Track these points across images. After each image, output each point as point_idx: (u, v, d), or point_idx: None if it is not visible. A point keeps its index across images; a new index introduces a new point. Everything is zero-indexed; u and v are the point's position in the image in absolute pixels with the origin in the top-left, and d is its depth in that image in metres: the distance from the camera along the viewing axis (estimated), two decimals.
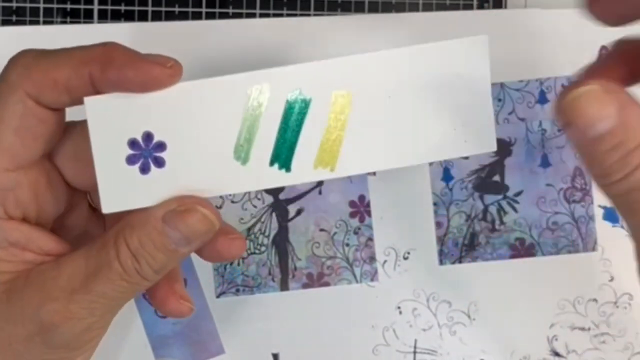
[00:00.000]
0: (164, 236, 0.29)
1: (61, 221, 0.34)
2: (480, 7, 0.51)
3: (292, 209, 0.49)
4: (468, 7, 0.51)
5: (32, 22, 0.51)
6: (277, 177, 0.29)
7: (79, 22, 0.51)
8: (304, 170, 0.29)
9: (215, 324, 0.48)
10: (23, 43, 0.31)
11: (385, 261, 0.49)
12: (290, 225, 0.49)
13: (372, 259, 0.49)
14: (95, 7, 0.51)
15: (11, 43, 0.47)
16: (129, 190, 0.29)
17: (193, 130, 0.29)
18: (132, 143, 0.29)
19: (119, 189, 0.29)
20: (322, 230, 0.49)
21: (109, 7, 0.51)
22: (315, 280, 0.49)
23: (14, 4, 0.51)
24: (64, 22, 0.51)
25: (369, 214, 0.49)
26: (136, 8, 0.51)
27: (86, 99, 0.29)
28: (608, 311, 0.49)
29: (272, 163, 0.29)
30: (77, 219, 0.35)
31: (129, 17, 0.51)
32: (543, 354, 0.49)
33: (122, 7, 0.51)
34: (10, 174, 0.30)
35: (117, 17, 0.51)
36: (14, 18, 0.51)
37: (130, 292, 0.31)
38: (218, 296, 0.48)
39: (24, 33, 0.48)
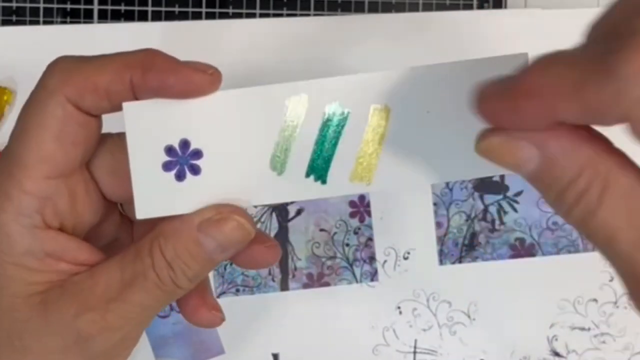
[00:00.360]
0: (200, 245, 0.29)
1: (93, 230, 0.34)
2: (480, 7, 0.51)
3: (292, 209, 0.49)
4: (468, 7, 0.51)
5: (32, 22, 0.51)
6: (313, 189, 0.29)
7: (79, 22, 0.51)
8: (340, 183, 0.29)
9: None
10: (23, 43, 0.31)
11: (385, 261, 0.49)
12: (290, 225, 0.49)
13: (372, 259, 0.49)
14: (95, 7, 0.51)
15: (11, 43, 0.47)
16: (164, 196, 0.29)
17: (229, 138, 0.29)
18: (169, 150, 0.29)
19: (154, 195, 0.29)
20: (322, 230, 0.49)
21: (109, 7, 0.51)
22: (315, 280, 0.49)
23: (14, 4, 0.51)
24: (64, 22, 0.51)
25: (369, 214, 0.49)
26: (136, 8, 0.51)
27: (125, 104, 0.29)
28: (608, 311, 0.49)
29: (308, 174, 0.29)
30: (108, 227, 0.35)
31: (129, 17, 0.51)
32: (543, 354, 0.49)
33: (122, 7, 0.51)
34: (51, 181, 0.30)
35: (117, 17, 0.51)
36: (14, 18, 0.51)
37: (165, 301, 0.30)
38: (218, 296, 0.48)
39: (24, 33, 0.48)
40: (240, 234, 0.29)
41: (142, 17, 0.51)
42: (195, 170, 0.29)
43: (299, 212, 0.49)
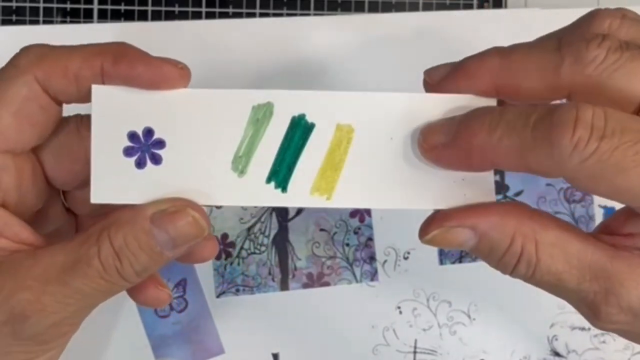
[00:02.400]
0: (151, 237, 0.29)
1: (36, 216, 0.33)
2: (480, 7, 0.51)
3: (292, 208, 0.49)
4: (468, 7, 0.51)
5: (32, 22, 0.51)
6: (271, 196, 0.29)
7: (79, 22, 0.51)
8: (300, 193, 0.29)
9: (215, 324, 0.48)
10: (23, 43, 0.31)
11: (385, 261, 0.49)
12: (291, 225, 0.49)
13: (372, 258, 0.49)
14: (95, 6, 0.51)
15: (11, 43, 0.46)
16: (121, 183, 0.29)
17: (194, 133, 0.29)
18: (132, 135, 0.29)
19: (112, 180, 0.29)
20: (322, 230, 0.49)
21: (109, 7, 0.51)
22: (315, 280, 0.49)
23: (14, 4, 0.51)
24: (64, 22, 0.51)
25: (369, 213, 0.49)
26: (136, 8, 0.51)
27: (94, 86, 0.29)
28: None
29: (269, 180, 0.29)
30: (50, 216, 0.34)
31: (128, 16, 0.51)
32: (543, 354, 0.49)
33: (122, 7, 0.51)
34: None
35: (117, 17, 0.51)
36: (14, 18, 0.51)
37: (107, 292, 0.30)
38: (218, 296, 0.48)
39: (24, 33, 0.48)
40: (194, 230, 0.29)
41: (142, 16, 0.51)
42: (156, 160, 0.29)
43: (299, 211, 0.49)
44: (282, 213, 0.49)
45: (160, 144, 0.29)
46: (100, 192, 0.29)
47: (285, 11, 0.51)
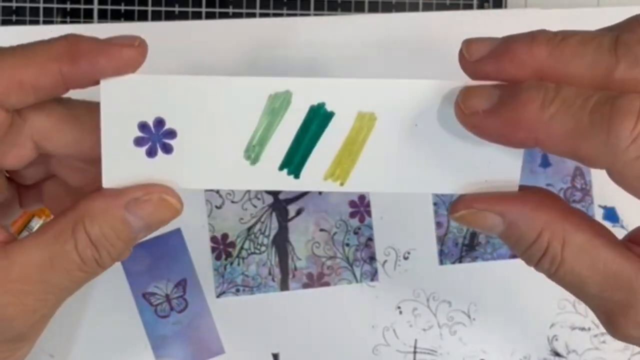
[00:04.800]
0: (126, 224, 0.29)
1: None
2: (480, 7, 0.51)
3: (292, 209, 0.49)
4: (468, 7, 0.51)
5: (32, 22, 0.51)
6: (283, 181, 0.29)
7: (79, 22, 0.51)
8: (312, 179, 0.29)
9: (215, 324, 0.48)
10: (23, 43, 0.31)
11: (385, 261, 0.49)
12: (291, 225, 0.49)
13: (372, 258, 0.49)
14: (95, 7, 0.51)
15: (11, 43, 0.47)
16: (132, 169, 0.29)
17: (207, 122, 0.28)
18: (143, 126, 0.29)
19: (123, 166, 0.29)
20: (322, 230, 0.49)
21: (109, 7, 0.51)
22: (316, 280, 0.49)
23: (14, 4, 0.51)
24: (64, 22, 0.51)
25: (369, 214, 0.49)
26: (136, 8, 0.51)
27: (102, 81, 0.28)
28: None
29: (281, 168, 0.29)
30: None
31: (128, 17, 0.51)
32: (543, 354, 0.49)
33: (122, 7, 0.51)
34: None
35: (117, 17, 0.51)
36: (14, 18, 0.51)
37: (84, 281, 0.30)
38: (218, 296, 0.48)
39: (24, 33, 0.48)
40: (169, 214, 0.29)
41: (142, 17, 0.51)
42: (167, 149, 0.29)
43: (299, 212, 0.49)
44: (282, 213, 0.49)
45: (172, 134, 0.29)
46: (112, 177, 0.29)
47: (285, 11, 0.51)
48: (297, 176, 0.29)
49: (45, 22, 0.50)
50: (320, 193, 0.48)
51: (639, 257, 0.27)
